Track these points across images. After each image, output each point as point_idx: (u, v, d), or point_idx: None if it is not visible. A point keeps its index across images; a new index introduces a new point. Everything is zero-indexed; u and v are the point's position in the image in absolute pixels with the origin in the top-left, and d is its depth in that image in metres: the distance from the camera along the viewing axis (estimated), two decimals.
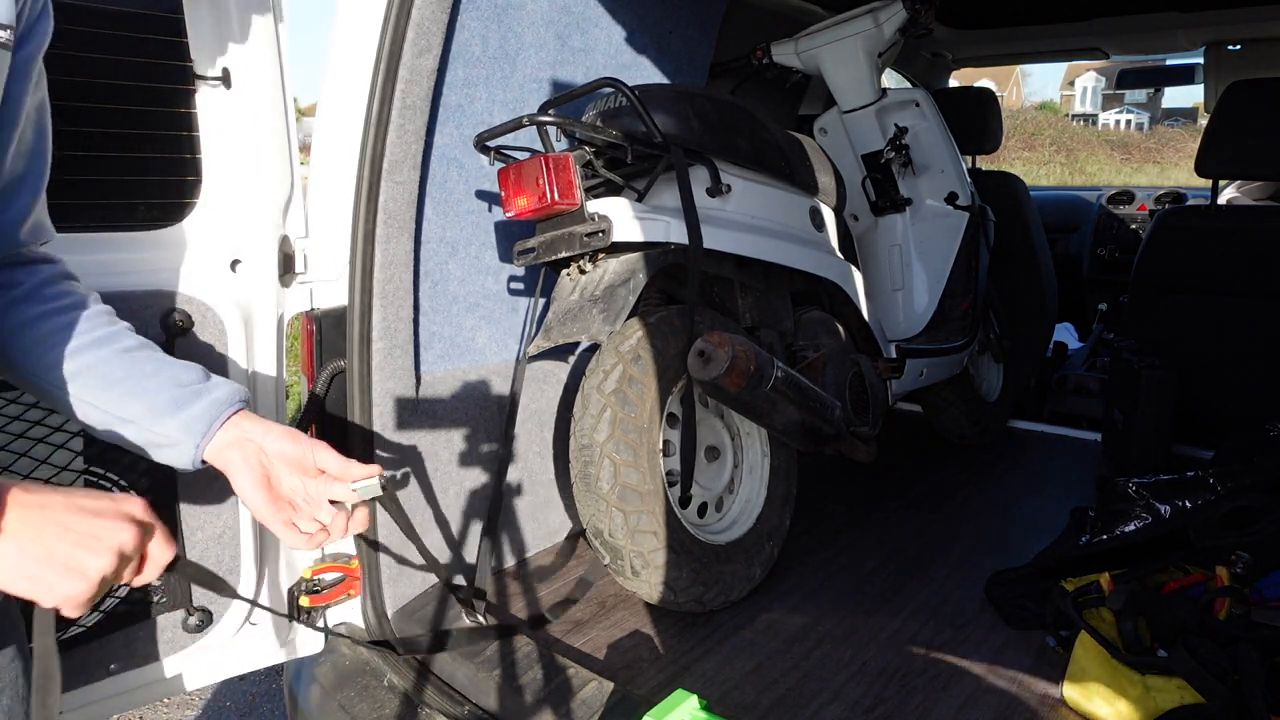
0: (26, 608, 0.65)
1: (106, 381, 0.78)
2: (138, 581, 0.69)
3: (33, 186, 0.76)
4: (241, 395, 0.84)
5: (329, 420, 1.53)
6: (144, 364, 0.80)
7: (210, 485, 1.38)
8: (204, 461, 0.82)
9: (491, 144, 1.54)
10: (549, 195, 1.44)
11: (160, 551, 0.68)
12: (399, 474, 0.85)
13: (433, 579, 1.67)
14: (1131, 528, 1.55)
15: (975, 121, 2.98)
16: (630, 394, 1.49)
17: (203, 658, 1.36)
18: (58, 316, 0.78)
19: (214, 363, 1.33)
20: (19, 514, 0.57)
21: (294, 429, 0.85)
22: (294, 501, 0.84)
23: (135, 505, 0.65)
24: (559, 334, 1.52)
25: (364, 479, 0.84)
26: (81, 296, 0.81)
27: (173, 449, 0.80)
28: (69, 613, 0.61)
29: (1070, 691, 1.29)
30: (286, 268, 1.41)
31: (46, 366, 0.77)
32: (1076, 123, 30.69)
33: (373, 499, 0.87)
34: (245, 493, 0.83)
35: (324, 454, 0.85)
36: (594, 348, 1.66)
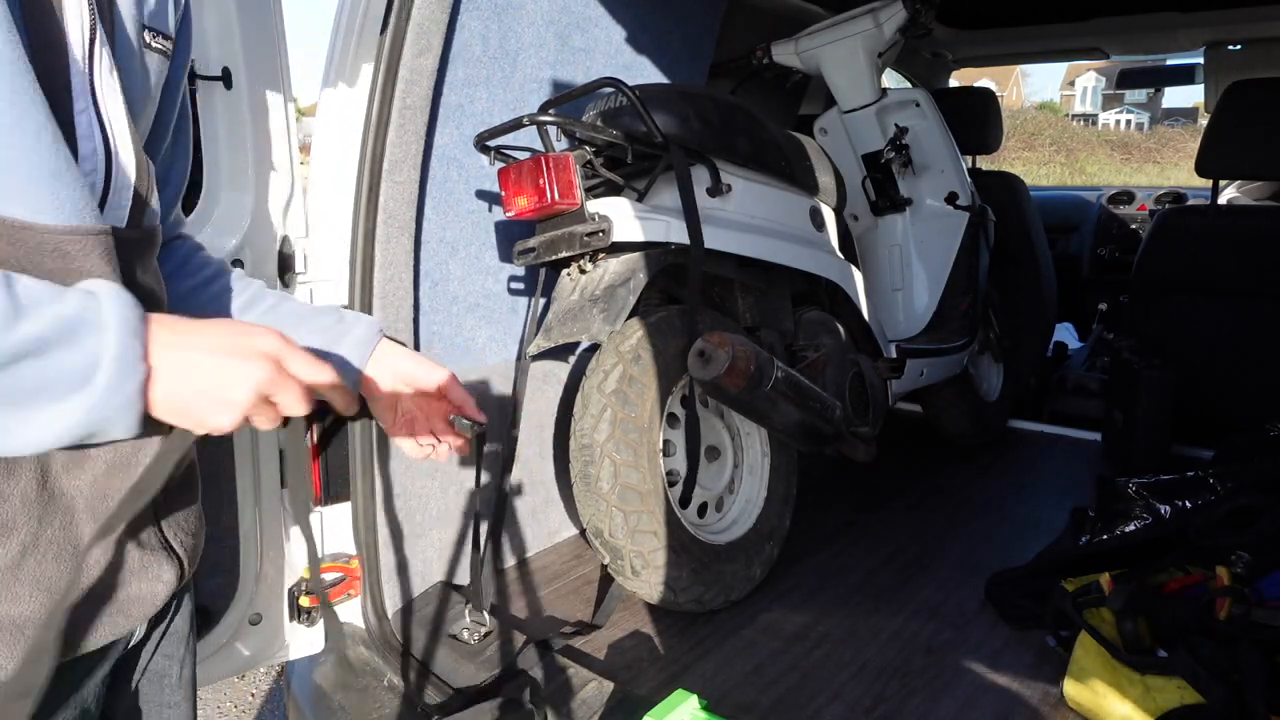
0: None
1: None
2: (300, 409, 0.67)
3: (176, 184, 0.89)
4: (378, 328, 0.93)
5: (329, 420, 1.53)
6: (289, 316, 0.91)
7: (209, 487, 1.37)
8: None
9: (491, 144, 1.54)
10: (549, 195, 1.44)
11: (307, 371, 0.67)
12: (483, 428, 0.96)
13: (433, 579, 1.67)
14: (1131, 528, 1.55)
15: (975, 121, 2.98)
16: (630, 394, 1.49)
17: (202, 658, 1.36)
18: (207, 287, 0.88)
19: None
20: (163, 356, 0.60)
21: (422, 355, 0.94)
22: (413, 419, 0.95)
23: (268, 341, 0.64)
24: (559, 334, 1.52)
25: (466, 419, 0.93)
26: (219, 264, 0.91)
27: None
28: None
29: (1070, 691, 1.29)
30: (286, 268, 1.41)
31: None
32: (1076, 123, 30.67)
33: (471, 435, 0.96)
34: (378, 413, 0.94)
35: (447, 383, 0.93)
36: (594, 348, 1.66)
